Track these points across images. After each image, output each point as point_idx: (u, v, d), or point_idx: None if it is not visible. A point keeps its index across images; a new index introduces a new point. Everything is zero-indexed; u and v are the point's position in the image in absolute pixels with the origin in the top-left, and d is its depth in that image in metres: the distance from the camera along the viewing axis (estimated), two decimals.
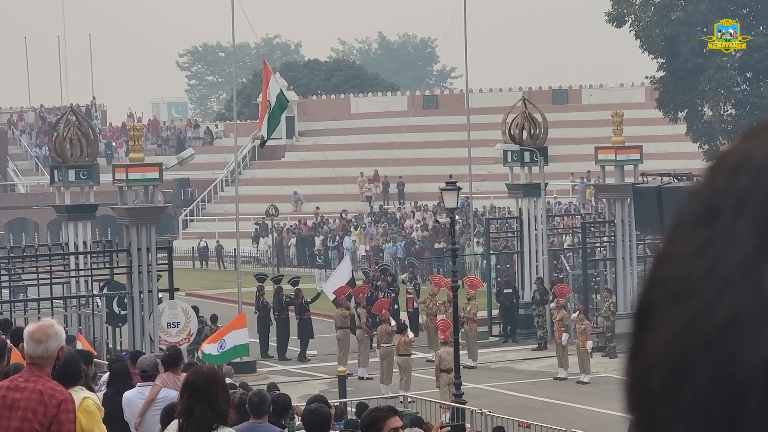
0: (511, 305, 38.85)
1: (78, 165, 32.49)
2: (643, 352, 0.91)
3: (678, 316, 0.88)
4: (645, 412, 0.90)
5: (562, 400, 30.02)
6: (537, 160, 39.06)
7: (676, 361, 0.87)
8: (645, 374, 0.90)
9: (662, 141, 61.49)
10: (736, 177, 0.91)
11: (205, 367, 8.04)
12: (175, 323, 30.75)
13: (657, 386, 0.89)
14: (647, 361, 0.90)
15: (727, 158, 0.94)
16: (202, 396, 7.54)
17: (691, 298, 0.88)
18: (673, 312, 0.89)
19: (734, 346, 0.85)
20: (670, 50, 50.68)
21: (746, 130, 0.96)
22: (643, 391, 0.90)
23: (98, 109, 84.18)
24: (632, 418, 0.93)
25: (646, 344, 0.91)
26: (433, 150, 68.78)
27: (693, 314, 0.88)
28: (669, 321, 0.89)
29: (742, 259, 0.87)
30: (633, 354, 0.93)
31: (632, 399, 0.92)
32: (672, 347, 0.88)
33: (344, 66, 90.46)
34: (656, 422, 0.89)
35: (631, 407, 0.92)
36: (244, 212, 52.06)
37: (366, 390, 29.77)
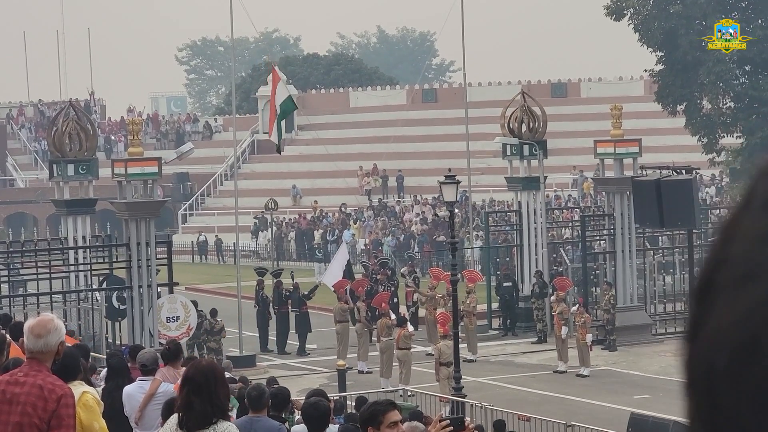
0: (511, 299, 38.85)
1: (77, 159, 32.48)
2: (706, 331, 0.88)
3: (748, 297, 0.85)
4: (707, 393, 0.88)
5: (562, 393, 30.04)
6: (536, 153, 39.06)
7: (744, 342, 0.84)
8: (709, 354, 0.87)
9: (661, 134, 61.49)
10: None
11: (204, 362, 8.04)
12: (175, 317, 30.75)
13: (722, 367, 0.86)
14: (712, 340, 0.87)
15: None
16: (201, 390, 7.54)
17: (762, 280, 0.85)
18: (743, 292, 0.86)
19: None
20: (669, 43, 50.66)
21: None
22: (706, 371, 0.87)
23: (97, 103, 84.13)
24: (690, 401, 0.90)
25: (710, 323, 0.88)
26: (432, 143, 68.76)
27: (764, 295, 0.85)
28: (738, 301, 0.86)
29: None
30: (693, 333, 0.90)
31: (693, 379, 0.89)
32: (741, 328, 0.85)
33: (343, 60, 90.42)
34: (719, 403, 0.86)
35: (691, 388, 0.89)
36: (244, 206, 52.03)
37: (365, 384, 29.79)
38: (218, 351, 33.35)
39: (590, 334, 33.13)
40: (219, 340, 33.70)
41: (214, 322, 33.80)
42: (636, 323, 37.14)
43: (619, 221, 37.77)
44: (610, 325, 35.95)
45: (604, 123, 47.10)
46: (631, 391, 29.72)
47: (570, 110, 67.76)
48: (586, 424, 23.14)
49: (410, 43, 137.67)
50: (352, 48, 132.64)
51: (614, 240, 38.06)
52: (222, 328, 33.88)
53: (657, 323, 38.22)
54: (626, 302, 37.57)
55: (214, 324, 33.79)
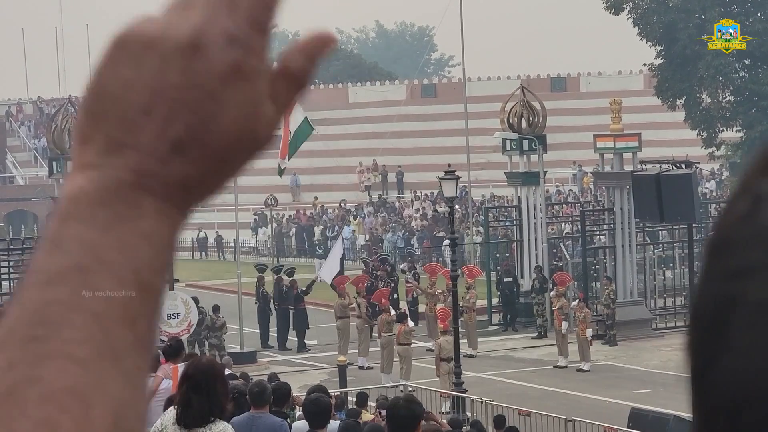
0: (511, 294, 38.86)
1: None
2: (724, 374, 0.81)
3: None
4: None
5: (562, 388, 30.05)
6: (536, 148, 39.06)
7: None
8: (733, 400, 0.80)
9: (661, 128, 61.52)
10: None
11: (204, 359, 8.05)
12: (175, 314, 30.74)
13: (752, 415, 0.79)
14: (734, 387, 0.80)
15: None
16: (200, 388, 7.54)
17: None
18: (767, 338, 0.80)
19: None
20: (668, 37, 50.64)
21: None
22: (730, 416, 0.81)
23: None
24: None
25: (729, 366, 0.81)
26: (431, 139, 68.78)
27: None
28: (761, 347, 0.79)
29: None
30: (705, 373, 0.83)
31: (713, 420, 0.82)
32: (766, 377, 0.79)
33: (342, 55, 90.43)
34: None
35: (711, 427, 0.83)
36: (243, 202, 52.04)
37: (366, 379, 29.80)
38: (220, 347, 33.38)
39: (590, 329, 33.14)
40: (220, 336, 33.73)
41: (215, 318, 33.83)
42: (636, 318, 37.14)
43: (618, 216, 37.77)
44: (610, 320, 35.96)
45: (603, 117, 47.12)
46: (632, 386, 29.73)
47: (569, 105, 67.77)
48: (586, 418, 23.16)
49: (409, 38, 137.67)
50: (350, 43, 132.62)
51: (614, 235, 38.07)
52: (223, 324, 33.91)
53: (657, 318, 38.23)
54: (626, 297, 37.58)
55: (216, 320, 33.82)
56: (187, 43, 0.93)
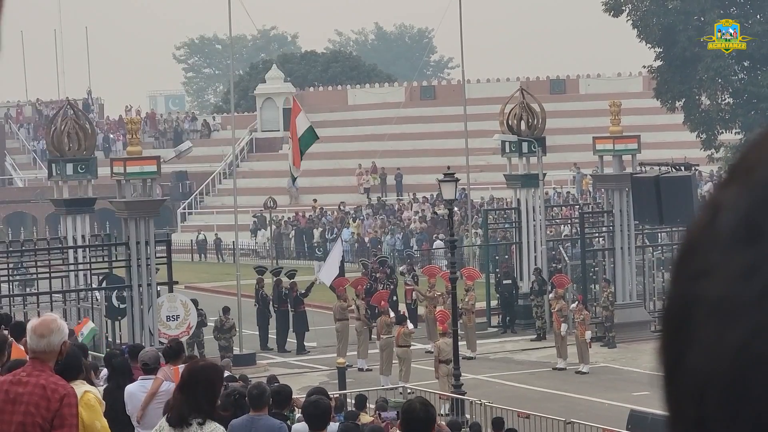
0: (510, 296, 38.88)
1: (76, 159, 32.47)
2: (690, 367, 0.90)
3: (731, 338, 0.87)
4: (698, 428, 0.89)
5: (561, 390, 30.07)
6: (535, 150, 39.07)
7: (735, 383, 0.86)
8: (698, 392, 0.89)
9: (660, 130, 61.51)
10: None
11: (200, 362, 8.02)
12: (175, 316, 30.77)
13: (714, 404, 0.87)
14: (699, 377, 0.89)
15: (760, 166, 0.91)
16: (187, 389, 7.56)
17: (745, 321, 0.87)
18: (727, 332, 0.87)
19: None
20: (668, 39, 50.65)
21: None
22: (696, 407, 0.89)
23: (95, 102, 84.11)
24: (677, 428, 0.92)
25: (694, 360, 0.89)
26: (430, 141, 68.76)
27: (749, 337, 0.86)
28: (723, 341, 0.87)
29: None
30: (674, 367, 0.92)
31: (682, 412, 0.91)
32: (729, 368, 0.87)
33: (341, 57, 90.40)
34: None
35: (681, 418, 0.91)
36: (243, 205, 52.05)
37: (365, 381, 29.82)
38: (228, 348, 33.53)
39: (589, 331, 33.16)
40: (229, 338, 33.83)
41: (224, 320, 33.93)
42: (635, 320, 37.15)
43: (618, 218, 37.78)
44: (609, 322, 35.97)
45: (602, 119, 47.11)
46: (631, 388, 29.73)
47: (569, 107, 67.75)
48: (585, 421, 23.17)
49: (408, 40, 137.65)
50: (349, 45, 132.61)
51: (613, 237, 38.08)
52: (233, 326, 34.02)
53: (656, 320, 38.19)
54: (625, 299, 37.59)
55: (225, 321, 33.91)
56: None
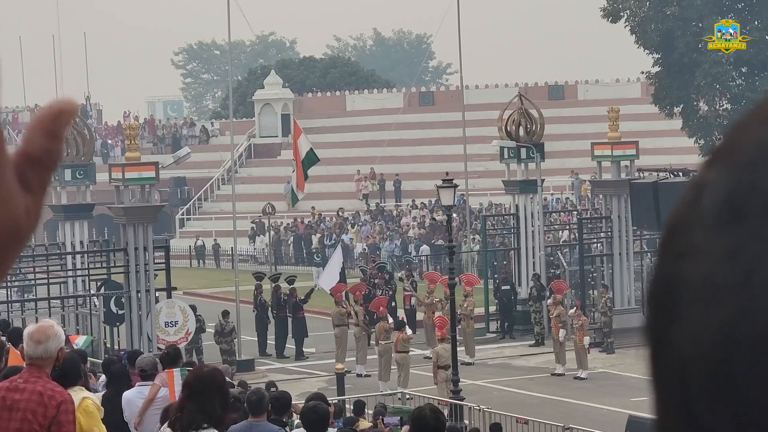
0: (509, 302, 38.87)
1: (74, 164, 32.48)
2: (674, 348, 0.91)
3: (714, 320, 0.88)
4: (682, 407, 0.90)
5: (560, 396, 30.06)
6: (533, 156, 39.07)
7: (718, 364, 0.87)
8: (682, 371, 0.90)
9: (658, 136, 61.54)
10: (759, 172, 0.89)
11: (205, 368, 7.99)
12: (173, 322, 30.75)
13: (698, 385, 0.88)
14: (683, 358, 0.90)
15: (743, 146, 0.91)
16: (195, 396, 7.51)
17: (728, 303, 0.87)
18: (710, 313, 0.88)
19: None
20: (666, 45, 50.69)
21: (757, 108, 0.93)
22: (680, 388, 0.90)
23: (93, 108, 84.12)
24: (662, 408, 0.93)
25: (678, 340, 0.90)
26: (429, 147, 68.75)
27: (731, 319, 0.87)
28: (706, 322, 0.88)
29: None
30: (659, 347, 0.93)
31: (666, 392, 0.92)
32: (712, 349, 0.87)
33: (339, 63, 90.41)
34: (697, 419, 0.89)
35: (665, 397, 0.92)
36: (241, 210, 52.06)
37: (364, 387, 29.80)
38: (230, 352, 33.53)
39: (588, 337, 33.15)
40: (230, 341, 33.82)
41: (225, 324, 33.93)
42: (633, 326, 37.10)
43: (616, 224, 37.79)
44: (607, 328, 35.96)
45: (601, 125, 47.13)
46: (629, 394, 29.70)
47: (567, 113, 67.77)
48: (584, 426, 23.16)
49: (406, 46, 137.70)
50: (348, 51, 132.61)
51: (611, 242, 38.09)
52: (233, 329, 34.00)
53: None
54: (623, 305, 37.59)
55: (225, 325, 33.91)
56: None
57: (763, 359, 0.85)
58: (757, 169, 0.90)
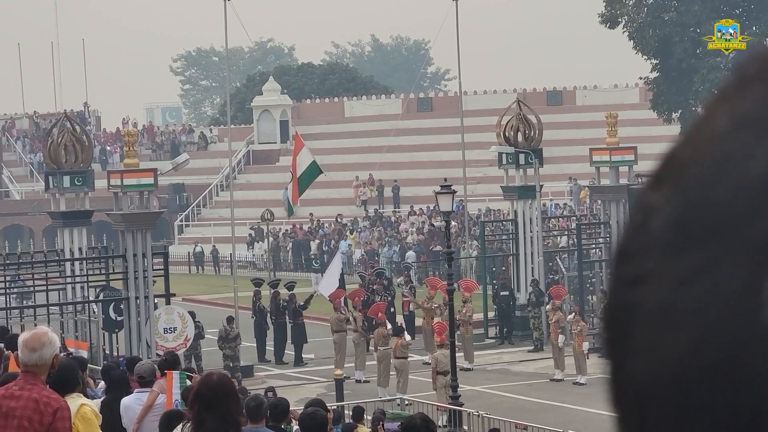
0: (508, 307, 38.86)
1: (73, 171, 32.43)
2: (631, 377, 0.90)
3: (672, 347, 0.86)
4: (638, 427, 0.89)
5: (559, 402, 30.04)
6: (532, 162, 39.08)
7: (675, 392, 0.85)
8: (640, 400, 0.88)
9: (656, 142, 61.45)
10: (707, 191, 0.86)
11: (215, 376, 7.87)
12: (172, 328, 30.73)
13: (655, 415, 0.87)
14: (640, 386, 0.88)
15: (689, 164, 0.87)
16: (212, 406, 7.36)
17: (685, 330, 0.85)
18: (666, 341, 0.86)
19: (732, 383, 0.83)
20: (664, 51, 50.74)
21: (702, 122, 0.88)
22: (638, 416, 0.89)
23: (92, 114, 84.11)
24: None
25: (635, 369, 0.89)
26: (427, 153, 68.76)
27: (689, 346, 0.85)
28: (662, 350, 0.86)
29: (734, 290, 0.83)
30: (616, 376, 0.92)
31: (625, 419, 0.91)
32: (670, 377, 0.86)
33: (338, 69, 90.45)
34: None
35: (625, 426, 0.91)
36: (240, 217, 52.06)
37: (363, 393, 29.77)
38: (234, 357, 33.56)
39: (587, 342, 33.13)
40: (235, 347, 33.83)
41: (229, 329, 33.96)
42: None
43: (615, 229, 37.79)
44: None
45: (599, 131, 47.16)
46: None
47: (565, 118, 67.79)
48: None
49: (405, 52, 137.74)
50: (346, 57, 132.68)
51: (610, 248, 38.06)
52: (237, 335, 34.02)
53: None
54: None
55: (230, 331, 33.94)
56: None
57: (720, 386, 0.83)
58: (705, 188, 0.85)
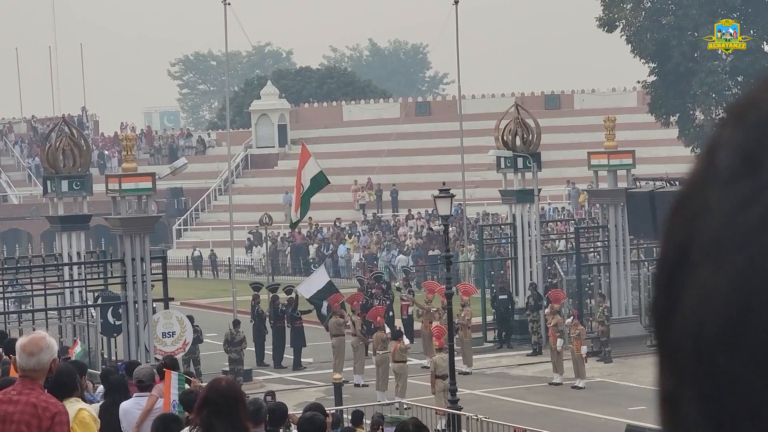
0: (506, 311, 38.86)
1: (71, 175, 32.41)
2: (686, 309, 0.89)
3: (729, 270, 0.86)
4: (699, 365, 0.88)
5: (558, 406, 30.03)
6: (530, 165, 39.08)
7: (736, 310, 0.86)
8: (696, 327, 0.88)
9: (654, 145, 61.57)
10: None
11: (223, 382, 7.83)
12: (170, 333, 30.71)
13: (713, 336, 0.87)
14: (697, 315, 0.88)
15: (754, 107, 0.92)
16: (222, 412, 7.32)
17: (743, 252, 0.86)
18: (722, 267, 0.87)
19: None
20: (662, 55, 50.74)
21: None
22: (695, 344, 0.88)
23: (90, 119, 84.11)
24: (674, 375, 0.91)
25: (689, 302, 0.89)
26: (426, 157, 68.78)
27: (747, 267, 0.86)
28: (718, 278, 0.87)
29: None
30: (668, 313, 0.91)
31: (679, 355, 0.90)
32: (730, 297, 0.86)
33: (336, 73, 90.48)
34: (716, 371, 0.87)
35: (679, 363, 0.90)
36: (238, 221, 52.05)
37: (362, 397, 29.77)
38: (239, 361, 33.68)
39: (585, 346, 33.12)
40: (240, 350, 33.91)
41: (235, 333, 34.04)
42: (631, 335, 37.13)
43: (613, 233, 37.79)
44: (605, 337, 35.94)
45: (597, 134, 47.17)
46: (627, 403, 29.70)
47: (563, 122, 67.83)
48: None
49: (403, 56, 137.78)
50: (344, 61, 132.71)
51: (608, 252, 38.08)
52: (243, 338, 34.11)
53: (652, 334, 38.15)
54: (621, 314, 37.57)
55: (236, 334, 34.00)
56: None
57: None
58: (765, 124, 0.90)
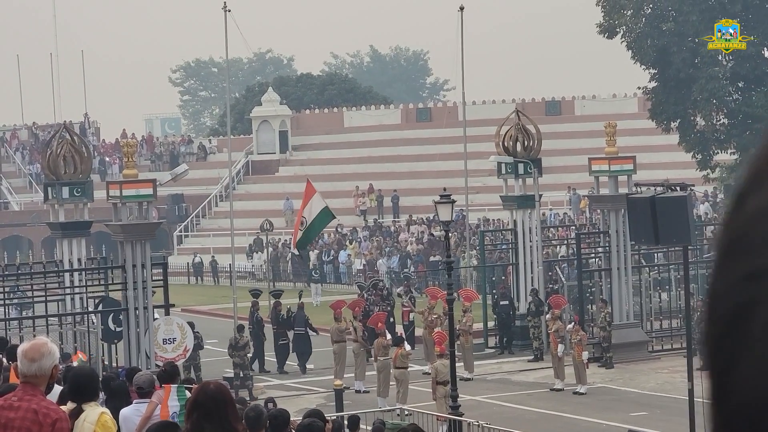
0: (508, 317, 38.85)
1: (72, 182, 32.42)
2: (740, 384, 0.83)
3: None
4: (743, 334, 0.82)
5: (559, 411, 30.02)
6: (531, 171, 39.09)
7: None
8: (751, 413, 0.82)
9: (655, 151, 61.57)
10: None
11: (212, 385, 7.87)
12: (171, 339, 30.70)
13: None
14: (752, 398, 0.82)
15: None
16: (212, 415, 7.34)
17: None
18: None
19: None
20: (662, 61, 50.73)
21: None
22: (751, 424, 0.83)
23: (91, 125, 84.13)
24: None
25: (746, 375, 0.82)
26: (427, 163, 68.79)
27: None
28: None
29: None
30: (725, 372, 0.85)
31: (734, 424, 0.85)
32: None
33: (337, 80, 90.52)
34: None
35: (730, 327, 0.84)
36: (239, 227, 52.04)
37: (363, 403, 29.75)
38: (243, 366, 33.68)
39: (586, 352, 33.12)
40: (244, 355, 33.93)
41: (239, 338, 34.06)
42: (632, 340, 37.11)
43: (614, 238, 37.78)
44: (606, 343, 35.93)
45: (598, 140, 47.16)
46: (628, 409, 29.69)
47: (564, 128, 67.83)
48: None
49: (404, 62, 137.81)
50: (345, 67, 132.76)
51: (609, 257, 38.07)
52: (247, 343, 34.16)
53: (653, 340, 38.19)
54: (622, 319, 37.55)
55: (239, 339, 34.03)
56: None
57: None
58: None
